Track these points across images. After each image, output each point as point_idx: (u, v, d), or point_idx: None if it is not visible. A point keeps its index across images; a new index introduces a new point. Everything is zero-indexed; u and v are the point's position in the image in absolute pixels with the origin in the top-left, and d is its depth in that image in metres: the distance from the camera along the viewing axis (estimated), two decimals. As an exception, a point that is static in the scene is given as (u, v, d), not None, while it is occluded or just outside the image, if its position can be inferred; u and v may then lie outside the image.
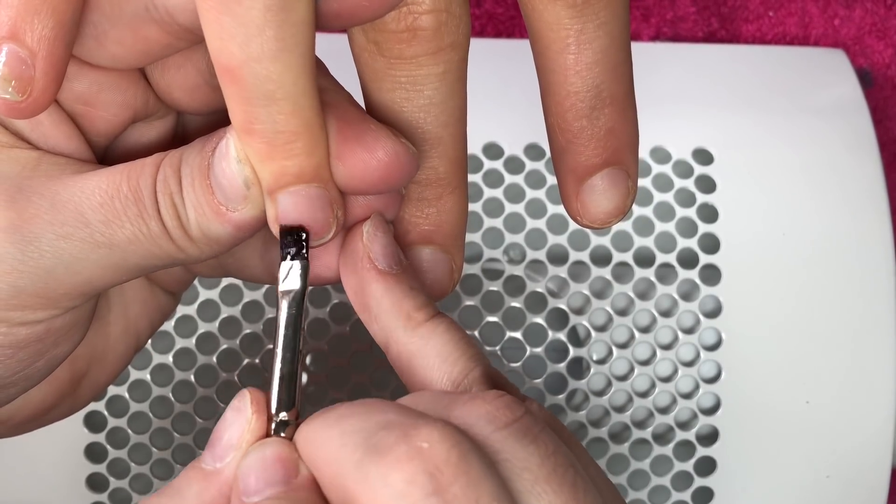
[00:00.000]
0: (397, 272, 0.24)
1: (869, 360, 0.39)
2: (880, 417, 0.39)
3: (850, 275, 0.39)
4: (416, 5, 0.22)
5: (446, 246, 0.25)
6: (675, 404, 0.39)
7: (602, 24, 0.23)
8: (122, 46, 0.23)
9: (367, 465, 0.20)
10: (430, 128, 0.24)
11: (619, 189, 0.25)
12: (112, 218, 0.23)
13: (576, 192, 0.25)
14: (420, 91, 0.23)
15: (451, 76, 0.23)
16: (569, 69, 0.23)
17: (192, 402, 0.38)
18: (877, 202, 0.40)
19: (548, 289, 0.39)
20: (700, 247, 0.39)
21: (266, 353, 0.38)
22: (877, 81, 0.48)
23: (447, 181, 0.25)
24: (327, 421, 0.21)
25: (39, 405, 0.27)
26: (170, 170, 0.23)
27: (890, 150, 0.48)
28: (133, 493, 0.39)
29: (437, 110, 0.24)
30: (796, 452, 0.39)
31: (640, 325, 0.39)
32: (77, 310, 0.25)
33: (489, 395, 0.22)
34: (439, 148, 0.24)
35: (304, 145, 0.22)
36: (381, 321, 0.24)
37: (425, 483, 0.19)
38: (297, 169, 0.22)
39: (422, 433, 0.20)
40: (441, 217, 0.25)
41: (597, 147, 0.24)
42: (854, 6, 0.47)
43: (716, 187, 0.40)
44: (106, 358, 0.28)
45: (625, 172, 0.25)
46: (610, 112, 0.24)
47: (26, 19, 0.21)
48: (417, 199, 0.25)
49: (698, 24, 0.47)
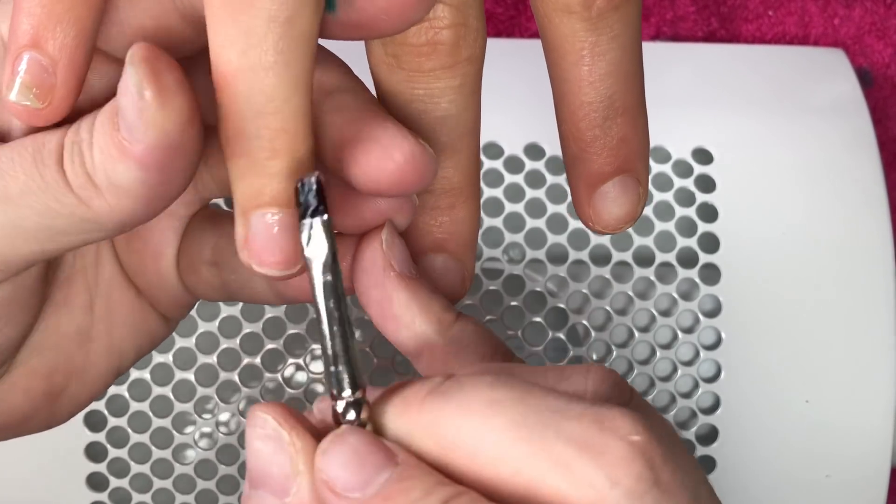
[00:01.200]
0: (417, 277, 0.24)
1: (868, 359, 0.39)
2: (880, 416, 0.39)
3: (850, 274, 0.39)
4: (437, 20, 0.22)
5: (458, 254, 0.26)
6: (675, 403, 0.39)
7: (615, 36, 0.23)
8: (143, 38, 0.22)
9: (580, 464, 0.19)
10: (446, 139, 0.24)
11: (630, 196, 0.25)
12: (6, 168, 0.22)
13: (588, 199, 0.25)
14: (437, 103, 0.24)
15: (467, 89, 0.24)
16: (583, 80, 0.24)
17: (192, 402, 0.38)
18: (876, 202, 0.40)
19: (547, 288, 0.39)
20: (699, 246, 0.39)
21: (267, 353, 0.39)
22: (876, 81, 0.48)
23: (460, 191, 0.25)
24: (474, 407, 0.20)
25: (13, 414, 0.26)
26: (86, 120, 0.22)
27: (889, 150, 0.48)
28: (133, 492, 0.39)
29: (452, 122, 0.24)
30: (796, 452, 0.39)
31: (639, 324, 0.39)
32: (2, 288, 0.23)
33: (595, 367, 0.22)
34: (454, 158, 0.25)
35: (285, 166, 0.21)
36: (412, 328, 0.24)
37: (649, 476, 0.19)
38: (273, 191, 0.21)
39: (623, 425, 0.19)
40: (454, 226, 0.25)
41: (609, 155, 0.25)
42: (854, 6, 0.47)
43: (715, 187, 0.40)
44: (86, 374, 0.27)
45: (636, 180, 0.25)
46: (622, 121, 0.24)
47: (48, 27, 0.21)
48: (431, 208, 0.25)
49: (698, 23, 0.47)
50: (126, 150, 0.21)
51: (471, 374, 0.21)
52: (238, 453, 0.39)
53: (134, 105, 0.20)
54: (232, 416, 0.39)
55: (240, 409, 0.39)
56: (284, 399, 0.39)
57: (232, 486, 0.39)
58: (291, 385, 0.39)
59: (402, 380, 0.22)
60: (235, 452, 0.39)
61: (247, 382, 0.39)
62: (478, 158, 0.25)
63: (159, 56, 0.20)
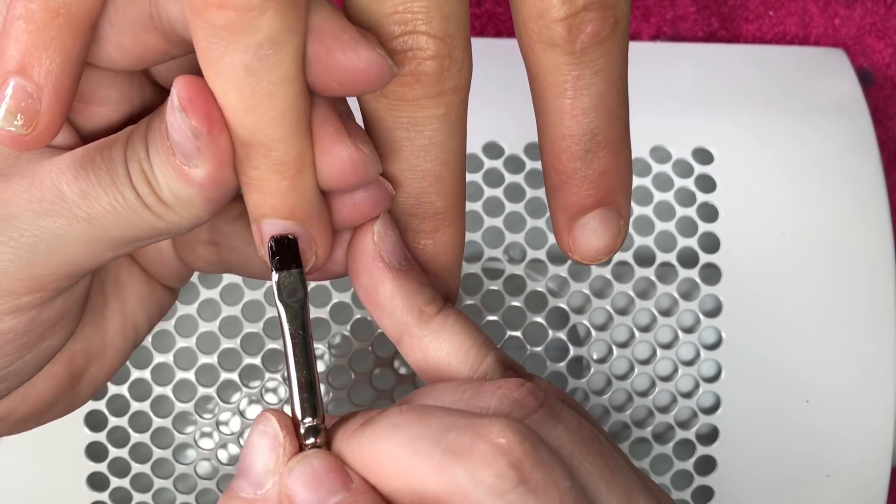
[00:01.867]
0: (406, 269, 0.25)
1: (869, 359, 0.39)
2: (880, 416, 0.39)
3: (851, 274, 0.39)
4: (420, 51, 0.23)
5: (442, 275, 0.26)
6: (675, 403, 0.39)
7: (599, 70, 0.24)
8: (122, 50, 0.23)
9: (450, 467, 0.21)
10: (430, 166, 0.24)
11: (610, 229, 0.25)
12: (87, 190, 0.23)
13: (568, 229, 0.26)
14: (420, 131, 0.24)
15: (451, 118, 0.24)
16: (565, 113, 0.24)
17: (192, 402, 0.38)
18: (877, 202, 0.40)
19: (548, 288, 0.39)
20: (700, 246, 0.39)
21: (267, 352, 0.39)
22: (877, 81, 0.48)
23: (444, 215, 0.25)
24: (383, 431, 0.22)
25: (38, 402, 0.27)
26: (137, 137, 0.23)
27: (890, 150, 0.48)
28: (133, 492, 0.39)
29: (436, 150, 0.24)
30: (796, 451, 0.39)
31: (640, 324, 0.39)
32: (64, 299, 0.24)
33: (510, 383, 0.23)
34: (438, 185, 0.25)
35: (277, 187, 0.22)
36: (394, 317, 0.25)
37: (512, 475, 0.21)
38: (271, 205, 0.23)
39: (493, 430, 0.21)
40: (438, 248, 0.26)
41: (590, 188, 0.25)
42: (854, 6, 0.47)
43: (716, 186, 0.40)
44: (104, 353, 0.28)
45: (616, 213, 0.25)
46: (604, 155, 0.25)
47: (34, 54, 0.22)
48: (415, 231, 0.26)
49: (698, 23, 0.47)
50: (185, 173, 0.23)
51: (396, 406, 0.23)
52: (239, 454, 0.39)
53: (189, 143, 0.22)
54: (232, 416, 0.39)
55: (240, 409, 0.39)
56: (284, 398, 0.39)
57: (232, 485, 0.39)
58: (292, 385, 0.39)
59: (396, 378, 0.24)
60: (236, 453, 0.39)
61: (247, 382, 0.39)
62: (462, 184, 0.26)
63: (203, 91, 0.22)
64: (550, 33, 0.23)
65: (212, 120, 0.22)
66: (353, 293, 0.38)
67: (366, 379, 0.38)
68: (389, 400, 0.39)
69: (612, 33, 0.23)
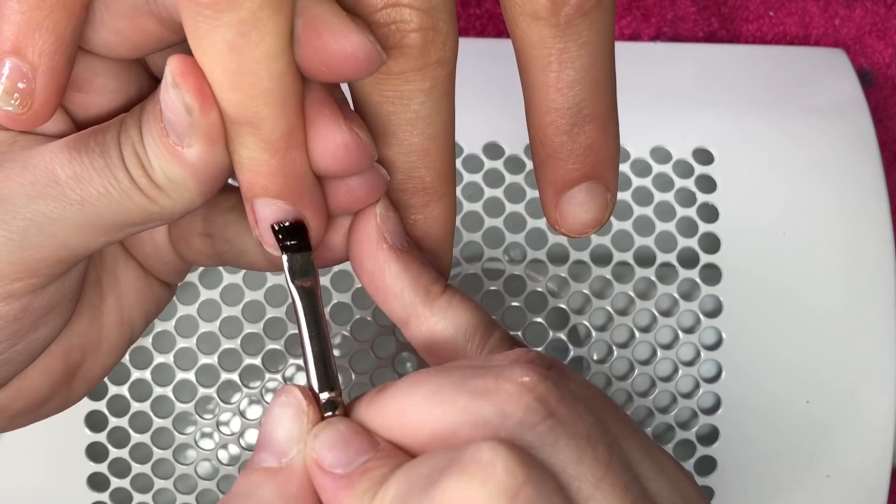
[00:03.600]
0: (409, 249, 0.25)
1: (869, 359, 0.39)
2: (880, 417, 0.39)
3: (851, 274, 0.39)
4: (403, 23, 0.23)
5: (434, 250, 0.26)
6: (676, 404, 0.39)
7: (584, 43, 0.23)
8: (119, 36, 0.23)
9: (477, 407, 0.21)
10: (417, 140, 0.24)
11: (598, 202, 0.25)
12: (81, 172, 0.23)
13: (555, 203, 0.26)
14: (407, 105, 0.24)
15: (437, 91, 0.24)
16: (550, 86, 0.24)
17: (193, 402, 0.38)
18: (877, 202, 0.40)
19: (548, 288, 0.39)
20: (700, 246, 0.39)
21: (267, 353, 0.39)
22: (877, 81, 0.48)
23: (434, 190, 0.25)
24: (402, 390, 0.22)
25: (33, 396, 0.27)
26: (131, 120, 0.23)
27: (890, 150, 0.48)
28: (134, 492, 0.39)
29: (423, 124, 0.24)
30: (796, 452, 0.39)
31: (640, 324, 0.39)
32: (57, 287, 0.24)
33: (519, 351, 0.23)
34: (426, 159, 0.25)
35: (266, 166, 0.22)
36: (402, 298, 0.25)
37: (540, 409, 0.21)
38: (262, 185, 0.23)
39: (516, 371, 0.21)
40: (428, 224, 0.26)
41: (576, 162, 0.25)
42: (854, 6, 0.47)
43: (716, 187, 0.40)
44: (100, 349, 0.28)
45: (604, 186, 0.25)
46: (590, 129, 0.24)
47: (28, 34, 0.22)
48: (405, 207, 0.25)
49: (699, 23, 0.47)
50: (179, 154, 0.23)
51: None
52: (239, 453, 0.39)
53: (182, 120, 0.22)
54: (233, 417, 0.39)
55: (240, 409, 0.39)
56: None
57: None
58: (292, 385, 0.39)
59: (399, 377, 0.25)
60: (237, 453, 0.39)
61: (247, 383, 0.39)
62: (452, 159, 0.25)
63: (195, 69, 0.22)
64: (534, 5, 0.23)
65: (203, 95, 0.22)
66: (353, 293, 0.38)
67: (366, 380, 0.38)
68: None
69: (597, 5, 0.23)
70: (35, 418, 0.28)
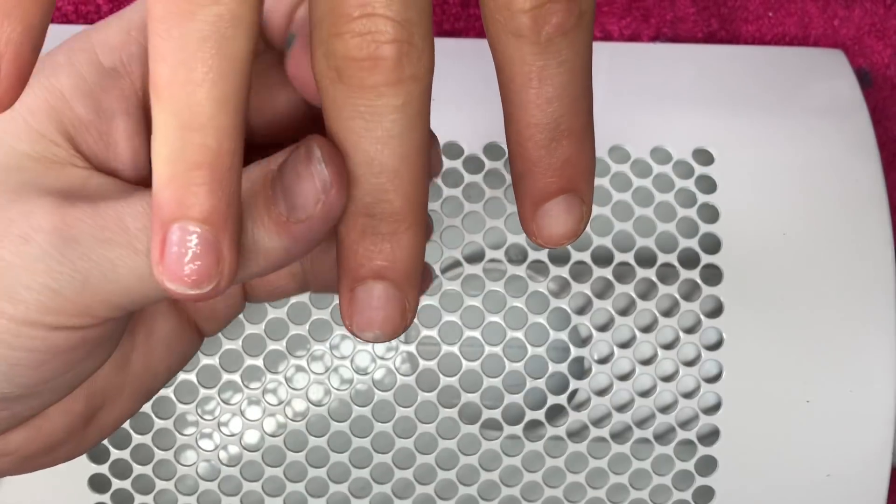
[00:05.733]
0: None
1: (869, 359, 0.39)
2: (880, 417, 0.39)
3: (851, 274, 0.39)
4: (378, 34, 0.22)
5: (399, 283, 0.25)
6: (677, 404, 0.39)
7: (564, 61, 0.24)
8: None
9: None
10: (388, 160, 0.24)
11: (573, 214, 0.25)
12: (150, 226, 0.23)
13: (532, 215, 0.26)
14: (379, 122, 0.23)
15: (410, 109, 0.23)
16: (530, 102, 0.24)
17: (194, 403, 0.38)
18: (876, 202, 0.40)
19: (549, 289, 0.39)
20: (701, 247, 0.39)
21: (268, 353, 0.38)
22: (876, 82, 0.48)
23: (402, 217, 0.24)
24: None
25: (49, 437, 0.27)
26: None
27: (889, 150, 0.48)
28: (135, 493, 0.39)
29: (395, 143, 0.24)
30: (797, 451, 0.39)
31: (641, 324, 0.39)
32: (111, 323, 0.24)
33: None
34: (396, 181, 0.24)
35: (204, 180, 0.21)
36: None
37: None
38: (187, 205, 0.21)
39: None
40: (396, 254, 0.25)
41: (553, 175, 0.25)
42: (853, 6, 0.47)
43: (716, 187, 0.40)
44: (121, 396, 0.28)
45: (579, 199, 0.25)
46: (567, 143, 0.25)
47: None
48: (371, 234, 0.25)
49: (698, 24, 0.47)
50: (282, 225, 0.23)
51: None
52: (240, 454, 0.39)
53: (313, 194, 0.23)
54: (233, 417, 0.39)
55: (242, 410, 0.39)
56: (286, 400, 0.39)
57: (234, 486, 0.39)
58: (293, 386, 0.39)
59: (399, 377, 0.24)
60: (238, 454, 0.39)
61: (248, 384, 0.39)
62: (423, 185, 0.25)
63: (338, 151, 0.23)
64: (516, 23, 0.23)
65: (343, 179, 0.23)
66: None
67: (367, 381, 0.39)
68: (392, 401, 0.39)
69: (577, 25, 0.23)
70: (44, 464, 0.27)
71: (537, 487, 0.39)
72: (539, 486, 0.39)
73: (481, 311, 0.39)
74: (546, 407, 0.39)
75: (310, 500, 0.39)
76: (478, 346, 0.39)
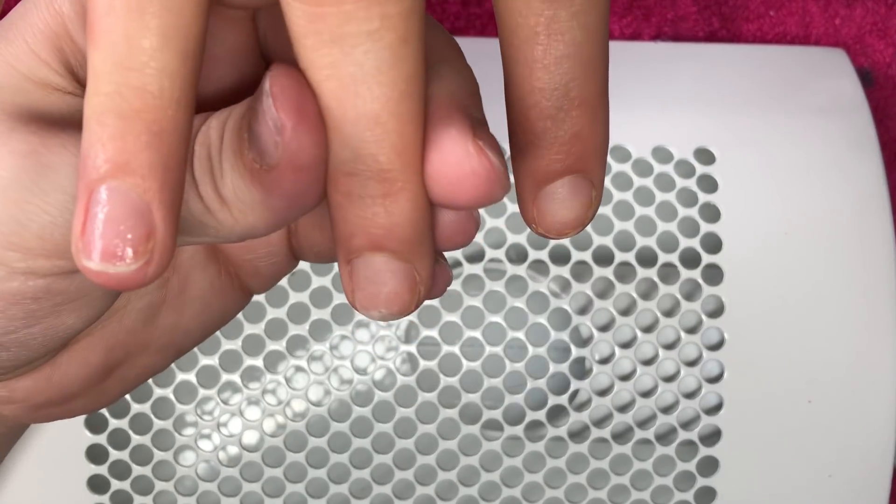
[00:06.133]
0: None
1: (871, 359, 0.39)
2: (882, 417, 0.39)
3: (852, 274, 0.39)
4: None
5: (402, 253, 0.21)
6: (678, 404, 0.39)
7: (577, 12, 0.20)
8: None
9: None
10: (364, 105, 0.19)
11: (581, 199, 0.22)
12: None
13: (533, 198, 0.22)
14: (348, 54, 0.19)
15: (390, 36, 0.19)
16: (536, 62, 0.20)
17: (193, 404, 0.38)
18: (878, 201, 0.40)
19: (550, 289, 0.39)
20: (702, 246, 0.39)
21: (268, 354, 0.38)
22: (877, 81, 0.48)
23: (393, 176, 0.20)
24: None
25: (64, 389, 0.25)
26: (216, 122, 0.20)
27: (891, 150, 0.48)
28: (134, 494, 0.39)
29: (371, 81, 0.19)
30: (798, 452, 0.39)
31: (642, 325, 0.39)
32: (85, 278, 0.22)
33: None
34: (377, 131, 0.20)
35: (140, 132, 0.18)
36: None
37: None
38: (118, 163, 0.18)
39: None
40: (392, 219, 0.20)
41: (559, 151, 0.21)
42: (855, 5, 0.47)
43: (718, 187, 0.40)
44: (146, 351, 0.25)
45: (589, 182, 0.22)
46: (578, 114, 0.21)
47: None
48: (360, 197, 0.20)
49: (699, 23, 0.47)
50: (255, 172, 0.19)
51: None
52: (240, 455, 0.39)
53: (269, 135, 0.18)
54: (233, 418, 0.39)
55: (241, 410, 0.39)
56: (286, 401, 0.39)
57: (234, 487, 0.39)
58: (293, 386, 0.39)
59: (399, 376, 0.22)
60: (237, 454, 0.39)
61: (248, 383, 0.38)
62: (416, 135, 0.20)
63: (299, 84, 0.19)
64: None
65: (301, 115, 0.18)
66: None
67: (367, 381, 0.38)
68: (392, 401, 0.38)
69: None
70: (58, 414, 0.25)
71: (538, 488, 0.39)
72: (540, 486, 0.39)
73: (482, 311, 0.39)
74: (547, 407, 0.39)
75: (310, 500, 0.39)
76: (478, 346, 0.38)
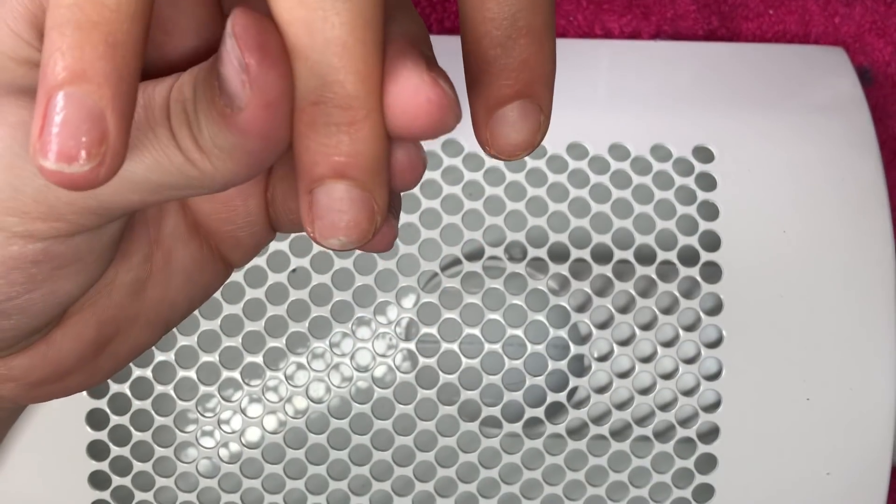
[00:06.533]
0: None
1: (869, 357, 0.39)
2: (880, 415, 0.39)
3: (851, 272, 0.39)
4: None
5: (363, 181, 0.22)
6: (676, 401, 0.39)
7: None
8: None
9: None
10: (333, 31, 0.20)
11: (529, 122, 0.23)
12: None
13: (486, 122, 0.23)
14: None
15: None
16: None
17: (194, 400, 0.38)
18: (877, 200, 0.40)
19: (549, 286, 0.39)
20: (701, 244, 0.39)
21: (268, 351, 0.39)
22: (877, 79, 0.48)
23: (359, 103, 0.21)
24: None
25: (59, 365, 0.25)
26: (188, 76, 0.21)
27: (890, 148, 0.48)
28: (135, 490, 0.39)
29: (340, 6, 0.20)
30: (797, 449, 0.39)
31: (641, 322, 0.39)
32: (85, 241, 0.23)
33: None
34: (345, 58, 0.20)
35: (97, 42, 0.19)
36: None
37: None
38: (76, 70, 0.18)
39: None
40: (355, 146, 0.21)
41: (509, 78, 0.22)
42: (854, 4, 0.47)
43: (716, 185, 0.40)
44: (135, 325, 0.26)
45: (537, 106, 0.23)
46: (525, 43, 0.22)
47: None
48: (325, 124, 0.21)
49: (698, 22, 0.47)
50: (227, 117, 0.20)
51: None
52: (240, 452, 0.39)
53: (236, 76, 0.19)
54: (234, 415, 0.39)
55: (241, 407, 0.39)
56: (286, 398, 0.39)
57: (234, 483, 0.39)
58: (293, 383, 0.39)
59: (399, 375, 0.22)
60: (238, 451, 0.39)
61: (249, 381, 0.39)
62: (379, 63, 0.21)
63: (260, 23, 0.19)
64: None
65: (264, 52, 0.19)
66: (354, 291, 0.38)
67: (367, 378, 0.39)
68: (392, 398, 0.39)
69: None
70: (55, 392, 0.26)
71: (537, 485, 0.39)
72: (539, 483, 0.39)
73: (481, 308, 0.39)
74: (546, 404, 0.39)
75: (309, 497, 0.39)
76: (477, 343, 0.39)
